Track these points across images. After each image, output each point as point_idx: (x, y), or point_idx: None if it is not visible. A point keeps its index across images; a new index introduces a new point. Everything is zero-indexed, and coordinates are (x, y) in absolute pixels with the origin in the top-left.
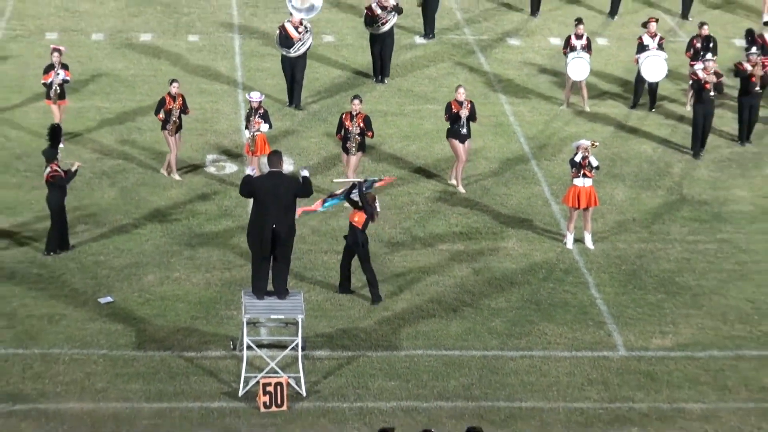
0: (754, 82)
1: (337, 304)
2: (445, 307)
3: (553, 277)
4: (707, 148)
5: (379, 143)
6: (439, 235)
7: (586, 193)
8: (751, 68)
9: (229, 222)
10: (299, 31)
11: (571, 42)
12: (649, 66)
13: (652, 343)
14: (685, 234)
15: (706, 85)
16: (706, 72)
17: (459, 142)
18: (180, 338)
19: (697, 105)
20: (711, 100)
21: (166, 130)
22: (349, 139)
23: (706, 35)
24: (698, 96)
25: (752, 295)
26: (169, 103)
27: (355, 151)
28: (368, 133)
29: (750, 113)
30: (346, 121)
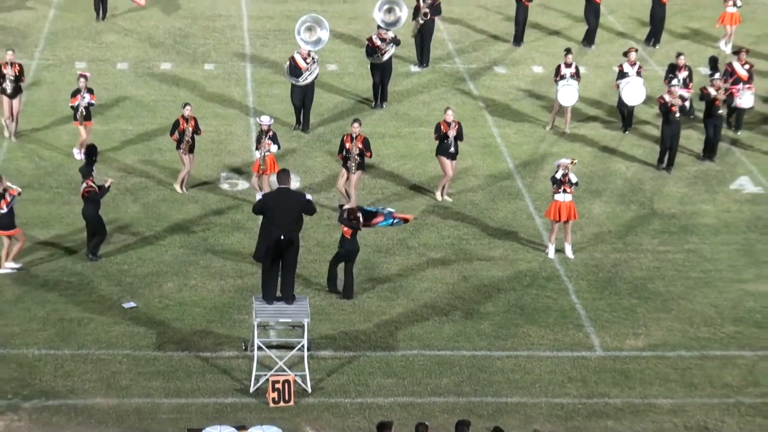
0: (718, 105)
1: (339, 309)
2: (438, 312)
3: (536, 284)
4: (676, 166)
5: (377, 162)
6: (432, 245)
7: (567, 208)
8: (715, 93)
9: (241, 234)
10: (307, 62)
11: (560, 70)
12: (630, 91)
13: (626, 344)
14: (656, 245)
15: (672, 108)
16: (672, 95)
17: (446, 158)
18: (196, 340)
19: (665, 126)
20: (677, 121)
21: (180, 149)
22: (349, 159)
23: (684, 64)
24: (665, 118)
25: (716, 300)
26: (182, 124)
27: (355, 170)
28: (367, 154)
29: (715, 133)
30: (347, 142)
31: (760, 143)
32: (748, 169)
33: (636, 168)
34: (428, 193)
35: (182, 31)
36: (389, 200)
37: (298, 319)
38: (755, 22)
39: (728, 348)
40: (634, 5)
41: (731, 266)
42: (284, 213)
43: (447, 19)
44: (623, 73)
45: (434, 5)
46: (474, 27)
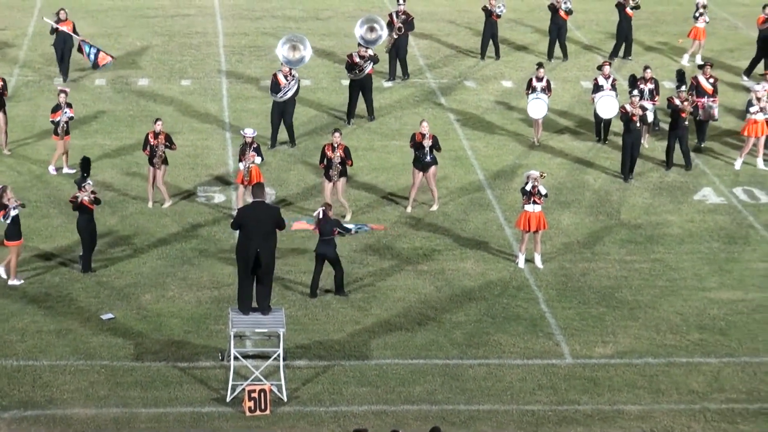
0: (684, 117)
1: (314, 319)
2: (411, 321)
3: (507, 294)
4: (641, 177)
5: (351, 175)
6: (404, 256)
7: (536, 218)
8: (681, 104)
9: (217, 246)
10: (288, 79)
11: (532, 83)
12: (603, 104)
13: (595, 352)
14: (623, 254)
15: (633, 117)
16: (633, 105)
17: (418, 170)
18: (174, 350)
19: (626, 135)
20: (638, 130)
21: (153, 164)
22: (331, 168)
23: (651, 77)
24: (626, 127)
25: (681, 308)
26: (152, 140)
27: (338, 178)
28: (348, 162)
29: (681, 143)
30: (328, 151)
31: (723, 155)
32: (711, 181)
33: (603, 179)
34: (401, 204)
35: (159, 47)
36: (363, 211)
37: (273, 329)
38: (716, 37)
39: (693, 355)
40: (599, 20)
41: (695, 275)
42: (259, 226)
43: (418, 35)
44: (598, 86)
45: (408, 21)
46: (444, 42)
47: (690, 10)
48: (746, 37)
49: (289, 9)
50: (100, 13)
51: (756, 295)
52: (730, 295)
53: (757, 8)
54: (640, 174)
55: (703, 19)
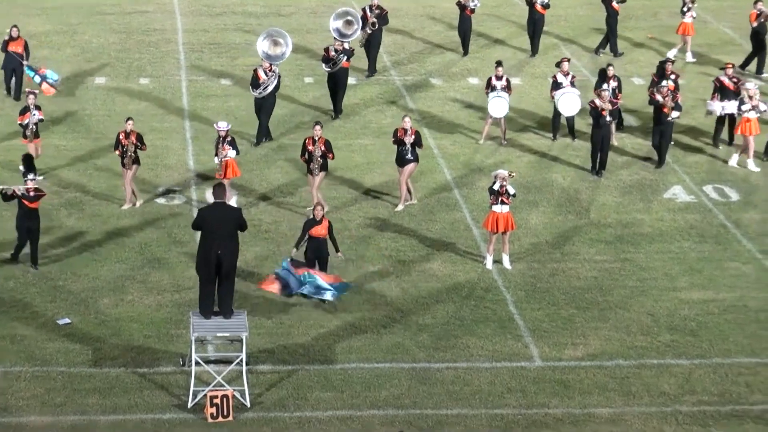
0: (666, 112)
1: (278, 323)
2: (376, 324)
3: (475, 295)
4: (611, 176)
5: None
6: (369, 258)
7: (504, 218)
8: (662, 99)
9: (178, 249)
10: (267, 75)
11: (492, 82)
12: (565, 102)
13: (564, 354)
14: (593, 254)
15: (602, 112)
16: (602, 100)
17: (399, 166)
18: (133, 356)
19: (595, 130)
20: (608, 125)
21: (124, 164)
22: (312, 161)
23: (613, 75)
24: (596, 122)
25: (652, 308)
26: (123, 139)
27: (318, 171)
28: (329, 155)
29: (662, 139)
30: (309, 145)
31: (692, 153)
32: (681, 178)
33: (572, 177)
34: (365, 205)
35: (117, 45)
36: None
37: (236, 333)
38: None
39: (665, 356)
40: (569, 17)
41: (666, 275)
42: (221, 227)
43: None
44: (557, 83)
45: (382, 15)
46: (413, 38)
47: (661, 5)
48: (717, 31)
49: (250, 5)
50: (55, 9)
51: (727, 295)
52: (701, 295)
53: (726, 3)
54: (610, 172)
55: (690, 14)
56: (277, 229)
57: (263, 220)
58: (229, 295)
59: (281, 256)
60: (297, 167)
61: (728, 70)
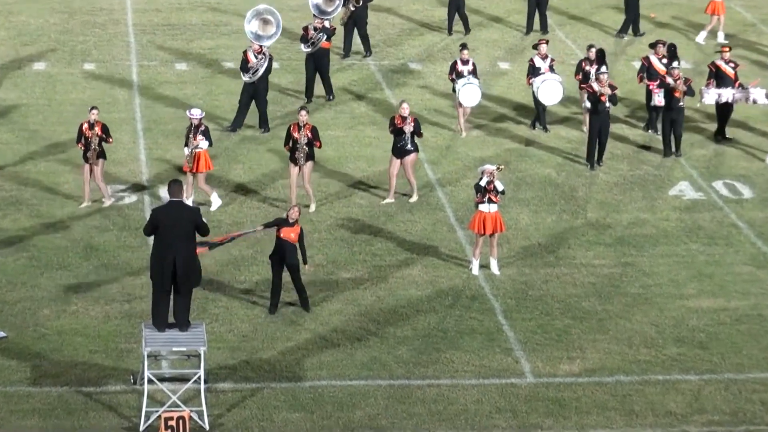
0: (678, 96)
1: (240, 335)
2: (350, 337)
3: (460, 304)
4: (610, 171)
5: (281, 172)
6: (341, 262)
7: (492, 219)
8: (674, 83)
9: (128, 253)
10: (258, 57)
11: (457, 67)
12: (546, 90)
13: (559, 369)
14: (590, 258)
15: (601, 97)
16: (601, 84)
17: (396, 157)
18: (78, 373)
19: (593, 117)
20: (606, 111)
21: (87, 159)
22: (297, 150)
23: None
24: (594, 108)
25: (656, 318)
26: (87, 131)
27: (304, 161)
28: (316, 143)
29: (673, 126)
30: (294, 132)
31: (701, 144)
32: (688, 173)
33: (568, 172)
34: (336, 204)
35: (58, 26)
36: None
37: (193, 347)
38: None
39: (671, 371)
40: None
41: (672, 280)
42: (177, 229)
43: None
44: (534, 68)
45: None
46: (388, 16)
47: None
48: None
49: None
50: None
51: (740, 303)
52: (711, 304)
53: None
54: (609, 166)
55: None
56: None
57: (223, 221)
58: (186, 306)
59: (245, 264)
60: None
61: (725, 53)
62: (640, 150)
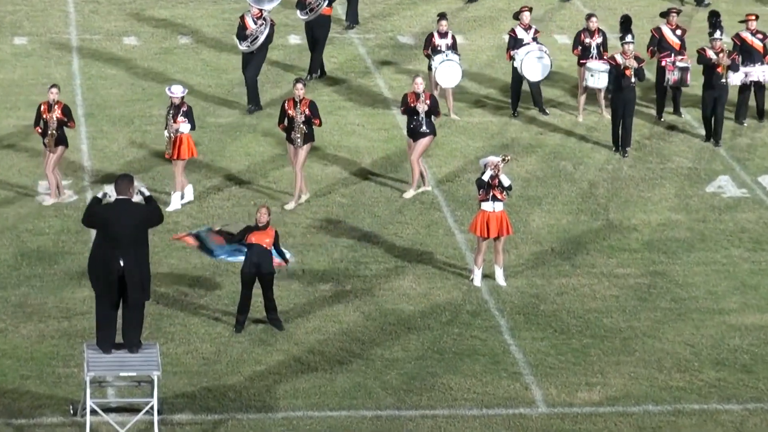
0: (720, 72)
1: (200, 358)
2: (329, 359)
3: (459, 321)
4: (636, 162)
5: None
6: (319, 272)
7: (497, 220)
8: (716, 56)
9: (67, 261)
10: (257, 24)
11: (433, 41)
12: (530, 64)
13: (577, 398)
14: (613, 266)
15: (626, 72)
16: (626, 56)
17: (413, 140)
18: (7, 402)
19: (616, 96)
20: (631, 88)
21: (44, 145)
22: (294, 130)
23: (597, 29)
24: (617, 84)
25: (691, 337)
26: (44, 112)
27: (302, 143)
28: (315, 121)
29: (715, 107)
30: (289, 109)
31: (743, 132)
32: (729, 166)
33: (587, 164)
34: (313, 201)
35: None
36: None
37: (145, 372)
38: None
39: (709, 400)
40: None
41: (710, 293)
42: (124, 233)
43: None
44: (516, 39)
45: None
46: None
47: None
48: None
49: None
50: None
51: None
52: (756, 320)
53: None
54: (635, 157)
55: None
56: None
57: (180, 222)
58: (137, 323)
59: (206, 273)
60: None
61: (751, 23)
62: (671, 137)
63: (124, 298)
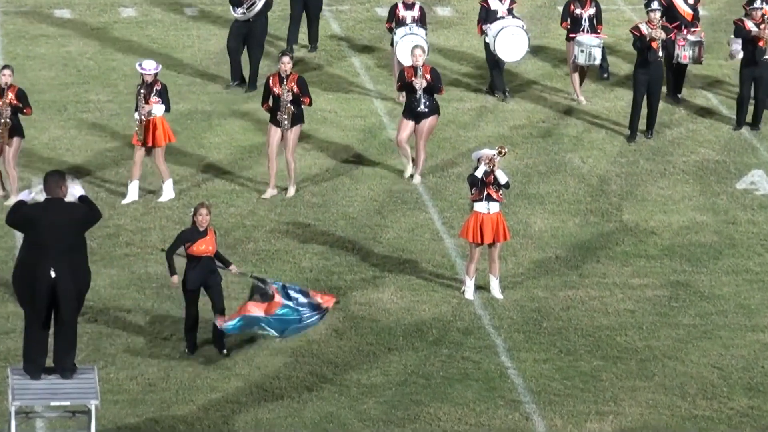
0: (763, 47)
1: (145, 384)
2: (296, 385)
3: (448, 340)
4: (655, 154)
5: (204, 155)
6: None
7: (492, 223)
8: (756, 29)
9: None
10: None
11: (397, 13)
12: (504, 41)
13: (586, 429)
14: (628, 276)
15: (652, 44)
16: (652, 26)
17: (413, 121)
18: None
19: (639, 72)
20: (659, 63)
21: None
22: (280, 110)
23: None
24: (642, 59)
25: (719, 359)
26: None
27: (290, 124)
28: (304, 99)
29: (757, 88)
30: (275, 86)
31: None
32: (764, 159)
33: (596, 158)
34: (279, 203)
35: None
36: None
37: (80, 400)
38: None
39: (740, 430)
40: None
41: (741, 306)
42: (55, 238)
43: None
44: (489, 11)
45: None
46: None
47: None
48: None
49: None
50: None
51: None
52: None
53: None
54: (653, 149)
55: None
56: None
57: (126, 227)
58: (71, 343)
59: (150, 284)
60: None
61: None
62: (696, 124)
63: (56, 314)
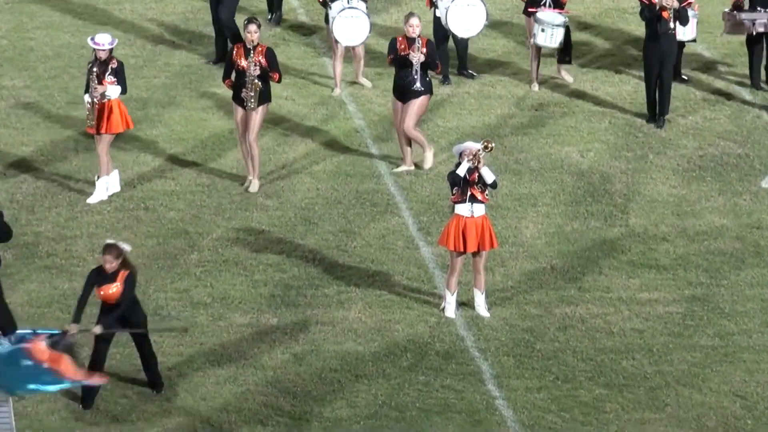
0: (667, 18)
1: (69, 417)
2: (249, 419)
3: (426, 366)
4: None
5: (145, 148)
6: (235, 300)
7: (477, 228)
8: None
9: None
10: None
11: None
12: (457, 14)
13: None
14: (635, 290)
15: (663, 14)
16: None
17: (400, 101)
18: None
19: (649, 45)
20: (671, 36)
21: None
22: (245, 86)
23: None
24: (652, 32)
25: (741, 386)
26: None
27: (255, 104)
28: (273, 75)
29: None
30: (239, 58)
31: None
32: None
33: (598, 152)
34: (228, 207)
35: None
36: (157, 216)
37: None
38: None
39: None
40: None
41: (766, 325)
42: None
43: None
44: None
45: None
46: None
47: None
48: None
49: None
50: None
51: None
52: None
53: None
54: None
55: None
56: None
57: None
58: None
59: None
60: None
61: None
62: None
63: None
